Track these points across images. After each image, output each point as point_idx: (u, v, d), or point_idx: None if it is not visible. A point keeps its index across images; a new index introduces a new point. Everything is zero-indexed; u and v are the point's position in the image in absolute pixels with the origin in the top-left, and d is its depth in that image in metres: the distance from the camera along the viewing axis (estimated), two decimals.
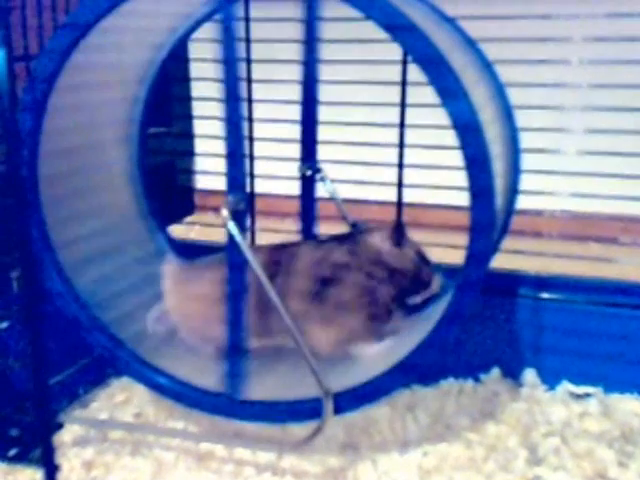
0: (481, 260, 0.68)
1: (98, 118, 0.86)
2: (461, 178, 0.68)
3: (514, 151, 0.79)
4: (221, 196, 0.72)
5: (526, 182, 0.84)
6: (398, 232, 0.80)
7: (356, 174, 0.95)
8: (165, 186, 1.07)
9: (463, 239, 0.68)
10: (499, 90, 0.77)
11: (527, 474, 0.74)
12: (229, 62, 0.70)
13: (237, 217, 0.71)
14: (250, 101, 0.98)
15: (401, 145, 0.91)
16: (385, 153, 0.92)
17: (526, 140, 0.82)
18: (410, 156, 0.91)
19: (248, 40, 0.95)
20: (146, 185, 0.95)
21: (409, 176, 0.92)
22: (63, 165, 0.82)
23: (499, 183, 0.69)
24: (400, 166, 0.91)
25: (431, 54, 0.60)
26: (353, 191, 0.93)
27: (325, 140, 0.88)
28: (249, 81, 0.98)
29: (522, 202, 0.85)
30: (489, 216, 0.65)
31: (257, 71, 0.98)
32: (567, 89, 0.84)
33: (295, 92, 0.85)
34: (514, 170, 0.81)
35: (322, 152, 0.88)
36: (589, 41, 0.83)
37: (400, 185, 0.91)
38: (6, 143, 0.70)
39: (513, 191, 0.81)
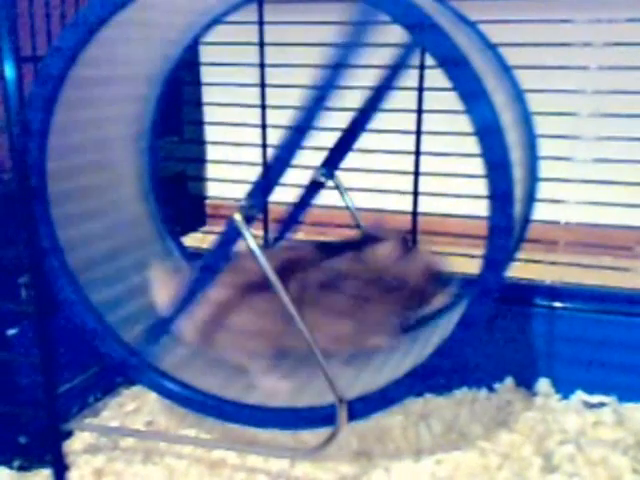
0: (499, 266, 0.67)
1: (108, 115, 0.85)
2: (478, 187, 0.67)
3: (532, 158, 0.79)
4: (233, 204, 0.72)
5: (540, 190, 0.84)
6: (404, 244, 0.79)
7: (371, 182, 0.95)
8: (176, 195, 1.05)
9: (479, 249, 0.68)
10: (518, 96, 0.76)
11: None
12: None
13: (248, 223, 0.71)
14: (264, 107, 0.97)
15: (417, 152, 0.90)
16: (401, 161, 0.91)
17: (541, 147, 0.82)
18: (426, 164, 0.91)
19: (262, 44, 0.95)
20: (157, 194, 0.95)
21: (425, 184, 0.91)
22: (70, 165, 0.81)
23: (517, 190, 0.68)
24: (416, 174, 0.90)
25: (454, 55, 0.60)
26: (368, 199, 0.92)
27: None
28: (263, 86, 0.97)
29: (536, 211, 0.85)
30: (508, 221, 0.65)
31: (271, 76, 0.97)
32: (584, 95, 0.84)
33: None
34: (531, 177, 0.80)
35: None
36: (609, 46, 0.82)
37: (416, 194, 0.91)
38: (13, 149, 0.70)
39: (530, 199, 0.81)
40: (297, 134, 0.68)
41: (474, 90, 0.61)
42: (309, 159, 0.88)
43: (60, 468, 0.76)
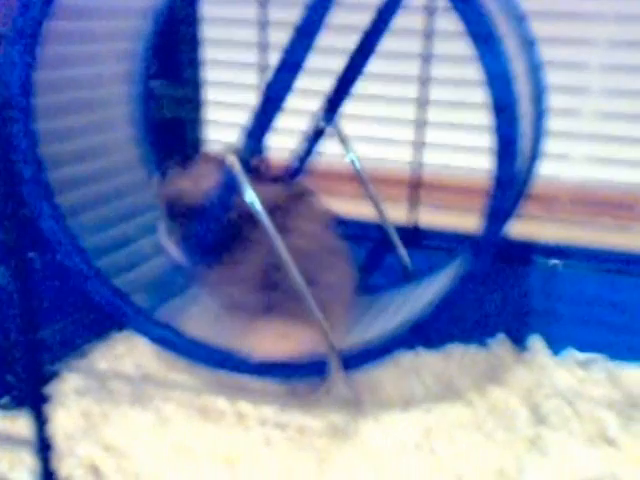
0: (501, 216, 0.67)
1: (98, 50, 0.82)
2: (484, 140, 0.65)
3: (539, 112, 0.77)
4: None
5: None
6: None
7: (374, 131, 0.92)
8: (173, 141, 1.01)
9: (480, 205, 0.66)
10: (529, 46, 0.74)
11: (528, 433, 0.75)
12: None
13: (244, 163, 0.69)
14: (264, 46, 0.93)
15: (423, 102, 0.87)
16: (405, 110, 0.88)
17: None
18: (432, 115, 0.87)
19: None
20: (151, 138, 0.92)
21: (430, 135, 0.88)
22: (59, 102, 0.78)
23: (523, 142, 0.67)
24: (420, 125, 0.87)
25: None
26: (370, 149, 0.90)
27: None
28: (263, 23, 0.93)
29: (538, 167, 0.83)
30: (512, 170, 0.64)
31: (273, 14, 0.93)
32: (588, 47, 0.81)
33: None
34: (537, 131, 0.78)
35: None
36: None
37: (420, 145, 0.88)
38: None
39: (534, 154, 0.79)
40: (287, 71, 0.65)
41: (485, 33, 0.59)
42: (308, 104, 0.85)
43: (40, 411, 0.73)
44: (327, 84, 0.83)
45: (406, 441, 0.74)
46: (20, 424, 0.75)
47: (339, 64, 0.81)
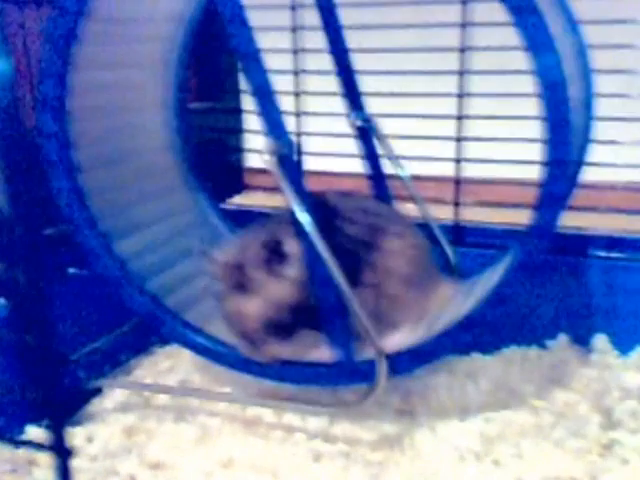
0: (554, 204, 0.62)
1: (132, 60, 0.81)
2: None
3: (587, 94, 0.73)
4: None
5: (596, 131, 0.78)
6: None
7: (410, 128, 0.89)
8: (212, 161, 1.01)
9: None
10: (573, 26, 0.71)
11: (601, 439, 0.69)
12: None
13: (285, 164, 0.66)
14: (295, 51, 0.93)
15: (460, 95, 0.85)
16: (443, 106, 0.85)
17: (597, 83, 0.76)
18: (472, 107, 0.85)
19: (294, 7, 0.90)
20: (192, 157, 0.91)
21: (470, 131, 0.86)
22: (98, 123, 0.78)
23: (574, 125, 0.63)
24: (459, 118, 0.84)
25: None
26: (409, 147, 0.87)
27: (376, 92, 0.82)
28: (295, 51, 0.93)
29: (592, 154, 0.79)
30: (564, 153, 0.60)
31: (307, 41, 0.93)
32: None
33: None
34: (586, 116, 0.74)
35: (372, 105, 0.82)
36: None
37: (459, 139, 0.85)
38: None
39: (585, 139, 0.75)
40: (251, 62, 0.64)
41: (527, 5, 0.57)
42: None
43: (61, 443, 0.63)
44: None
45: (466, 452, 0.69)
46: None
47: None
